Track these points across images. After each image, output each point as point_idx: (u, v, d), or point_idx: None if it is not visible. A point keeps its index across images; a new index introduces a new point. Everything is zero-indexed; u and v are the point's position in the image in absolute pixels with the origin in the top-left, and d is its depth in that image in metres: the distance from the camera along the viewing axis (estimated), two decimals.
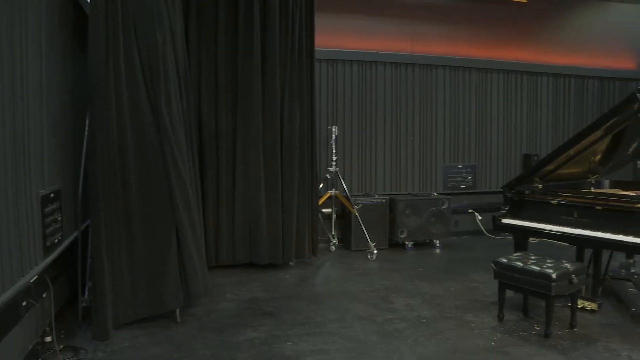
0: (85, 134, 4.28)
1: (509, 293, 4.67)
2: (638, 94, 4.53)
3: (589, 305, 4.80)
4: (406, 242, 7.57)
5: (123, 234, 4.22)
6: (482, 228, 8.42)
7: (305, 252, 6.54)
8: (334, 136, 7.30)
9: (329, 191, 7.26)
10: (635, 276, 5.85)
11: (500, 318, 4.61)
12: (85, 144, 4.31)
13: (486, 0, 8.48)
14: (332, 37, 7.61)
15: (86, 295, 4.42)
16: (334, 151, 7.28)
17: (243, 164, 6.18)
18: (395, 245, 7.58)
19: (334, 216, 7.53)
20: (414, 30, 8.14)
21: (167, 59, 4.46)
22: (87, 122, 4.21)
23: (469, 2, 8.44)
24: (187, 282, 4.49)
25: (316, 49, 6.61)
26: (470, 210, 8.50)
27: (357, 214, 7.11)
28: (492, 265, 4.59)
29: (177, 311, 4.50)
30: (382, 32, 7.97)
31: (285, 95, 6.31)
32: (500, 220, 5.35)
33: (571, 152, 5.08)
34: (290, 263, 6.49)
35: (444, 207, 7.73)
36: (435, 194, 8.02)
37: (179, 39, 4.88)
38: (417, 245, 7.66)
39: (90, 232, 4.13)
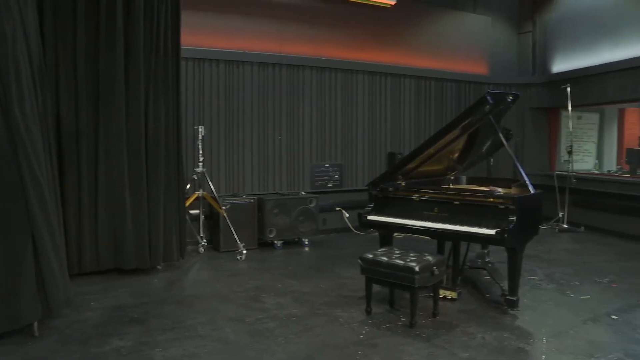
0: None
1: (376, 287, 4.84)
2: (488, 97, 4.87)
3: (450, 295, 5.09)
4: (275, 241, 7.61)
5: None
6: (350, 225, 8.65)
7: (173, 255, 6.36)
8: (200, 136, 7.18)
9: (196, 192, 7.13)
10: (490, 265, 6.28)
11: (368, 312, 4.75)
12: None
13: (352, 4, 8.72)
14: (199, 35, 7.47)
15: None
16: (200, 151, 7.16)
17: (106, 164, 5.89)
18: (265, 244, 7.59)
19: (202, 217, 7.40)
20: (281, 31, 8.18)
21: (18, 54, 4.13)
22: None
23: (335, 4, 8.63)
24: (46, 293, 4.19)
25: (182, 47, 6.45)
26: (337, 208, 8.69)
27: (225, 214, 7.03)
28: (359, 261, 4.72)
29: (35, 324, 4.18)
30: (250, 31, 7.94)
31: (150, 93, 6.09)
32: (366, 217, 5.51)
33: (431, 150, 5.36)
34: (158, 267, 6.29)
35: (312, 205, 7.85)
36: (303, 192, 8.13)
37: (32, 32, 4.52)
38: (286, 244, 7.72)
39: None
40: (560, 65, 9.89)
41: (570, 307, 5.01)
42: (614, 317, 4.74)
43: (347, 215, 8.64)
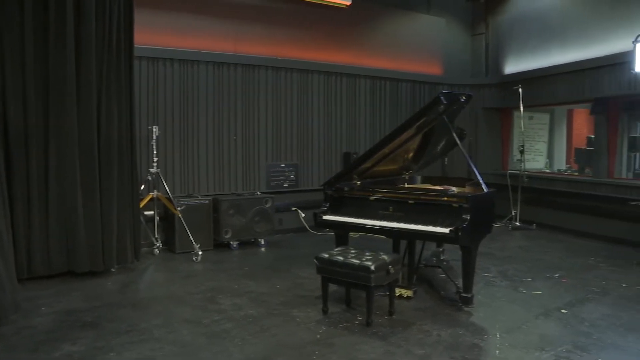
0: None
1: (332, 287, 4.85)
2: (442, 97, 4.93)
3: (405, 293, 5.14)
4: (231, 242, 7.55)
5: None
6: (306, 225, 8.65)
7: (127, 257, 6.25)
8: (154, 136, 7.06)
9: (151, 193, 7.02)
10: (445, 263, 6.37)
11: (325, 311, 4.76)
12: None
13: (307, 4, 8.71)
14: (153, 34, 7.35)
15: None
16: (154, 152, 7.04)
17: (56, 165, 5.75)
18: (221, 245, 7.53)
19: (156, 218, 7.29)
20: (236, 30, 8.13)
21: None
22: None
23: (290, 4, 8.61)
24: None
25: (136, 46, 6.34)
26: (293, 208, 8.68)
27: (180, 215, 6.94)
28: (315, 260, 4.73)
29: None
30: (205, 31, 7.86)
31: (102, 92, 5.97)
32: (321, 217, 5.51)
33: (386, 150, 5.40)
34: (112, 269, 6.18)
35: (268, 205, 7.82)
36: (258, 193, 8.09)
37: None
38: (242, 244, 7.67)
39: None
40: (512, 66, 10.10)
41: (523, 303, 5.13)
42: (563, 311, 4.88)
43: (303, 215, 8.64)
